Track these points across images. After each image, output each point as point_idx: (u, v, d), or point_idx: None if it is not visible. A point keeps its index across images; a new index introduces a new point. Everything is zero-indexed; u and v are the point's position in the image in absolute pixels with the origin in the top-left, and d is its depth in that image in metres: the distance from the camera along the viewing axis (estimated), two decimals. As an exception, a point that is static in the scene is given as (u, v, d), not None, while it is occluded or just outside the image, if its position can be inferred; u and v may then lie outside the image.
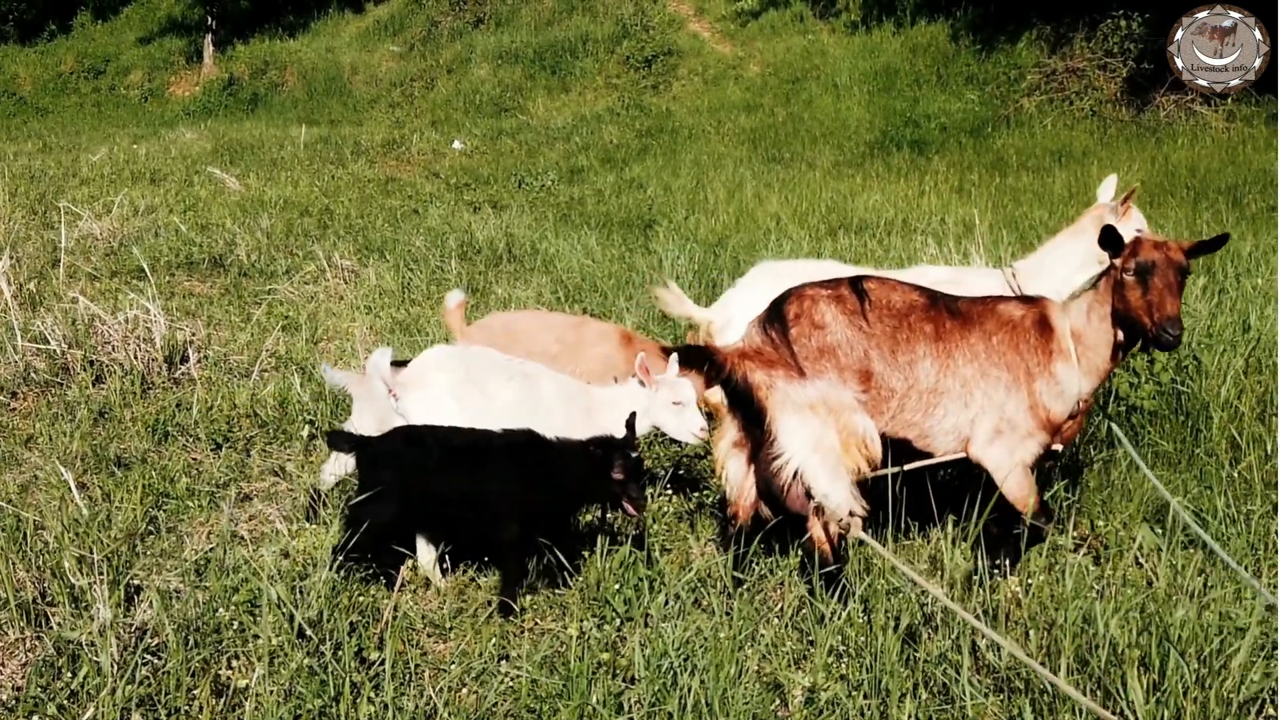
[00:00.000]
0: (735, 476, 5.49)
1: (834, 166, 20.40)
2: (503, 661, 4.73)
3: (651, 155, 22.29)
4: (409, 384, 5.89)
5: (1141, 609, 4.43)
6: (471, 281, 11.66)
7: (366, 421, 6.15)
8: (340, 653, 4.48)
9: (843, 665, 4.53)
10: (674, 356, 5.68)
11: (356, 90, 34.45)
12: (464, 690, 4.55)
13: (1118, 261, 4.97)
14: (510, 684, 4.51)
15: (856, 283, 5.24)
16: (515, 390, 5.92)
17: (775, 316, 5.24)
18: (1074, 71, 23.26)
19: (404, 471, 5.31)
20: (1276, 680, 4.17)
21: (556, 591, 5.35)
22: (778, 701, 4.47)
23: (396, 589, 5.20)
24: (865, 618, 4.75)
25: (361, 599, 5.15)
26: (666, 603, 5.03)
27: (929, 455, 5.27)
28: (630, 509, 5.30)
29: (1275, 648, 4.27)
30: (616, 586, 5.13)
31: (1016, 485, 5.13)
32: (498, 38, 33.96)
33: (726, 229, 14.40)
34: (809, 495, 5.11)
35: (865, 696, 4.33)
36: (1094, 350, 5.07)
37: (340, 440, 5.56)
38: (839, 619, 4.76)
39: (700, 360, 5.23)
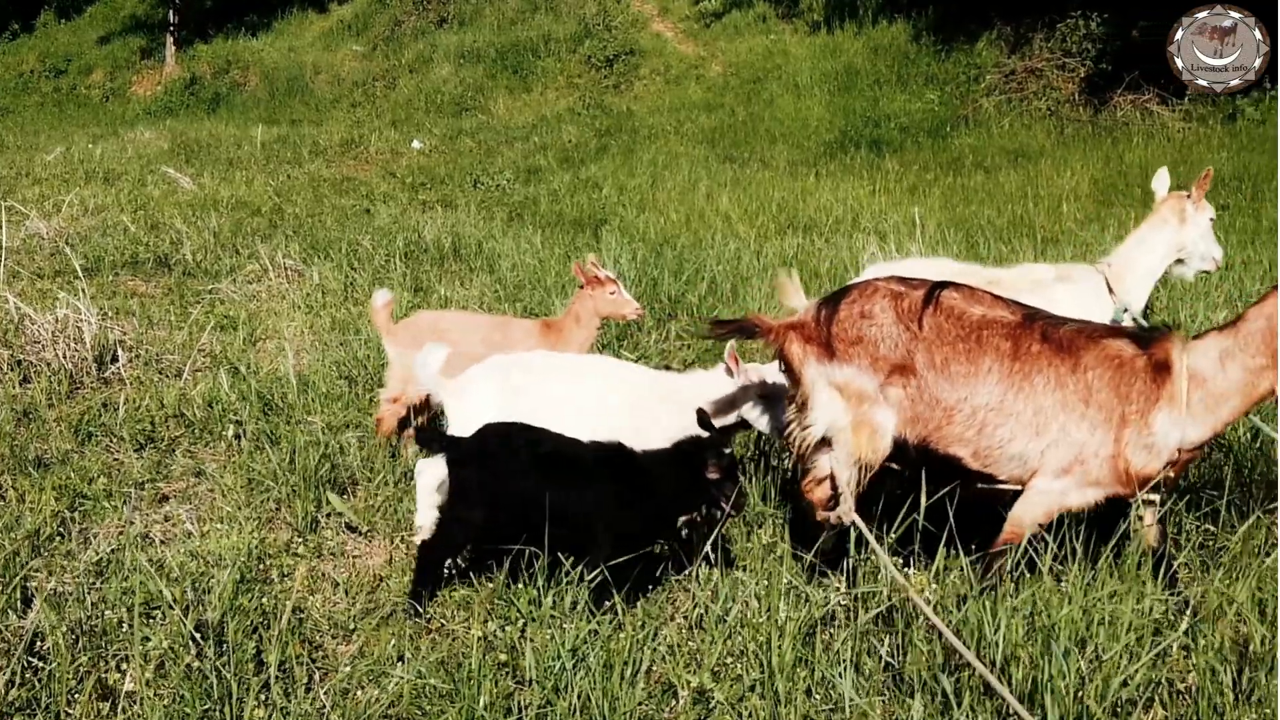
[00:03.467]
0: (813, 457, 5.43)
1: (790, 166, 20.42)
2: (400, 663, 4.69)
3: (609, 155, 22.29)
4: (454, 392, 5.85)
5: (1031, 608, 4.42)
6: (415, 281, 11.60)
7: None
8: (234, 655, 4.43)
9: (738, 666, 4.50)
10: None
11: (318, 90, 34.30)
12: (359, 692, 4.51)
13: None
14: (406, 686, 4.47)
15: (935, 288, 5.10)
16: (566, 391, 5.79)
17: (833, 298, 5.21)
18: (1033, 71, 23.35)
19: (490, 473, 5.15)
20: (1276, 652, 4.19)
21: (457, 591, 5.31)
22: (675, 703, 4.44)
23: (294, 591, 5.15)
24: (765, 617, 4.72)
25: (266, 601, 5.10)
26: (557, 604, 4.97)
27: (988, 478, 5.03)
28: (732, 509, 5.15)
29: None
30: (521, 586, 5.09)
31: (1029, 514, 4.89)
32: (460, 37, 33.87)
33: (675, 228, 14.39)
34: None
35: (761, 697, 4.30)
36: (1220, 400, 4.65)
37: (430, 438, 5.46)
38: (732, 619, 4.74)
39: (744, 329, 5.30)
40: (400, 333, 7.08)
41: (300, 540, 5.94)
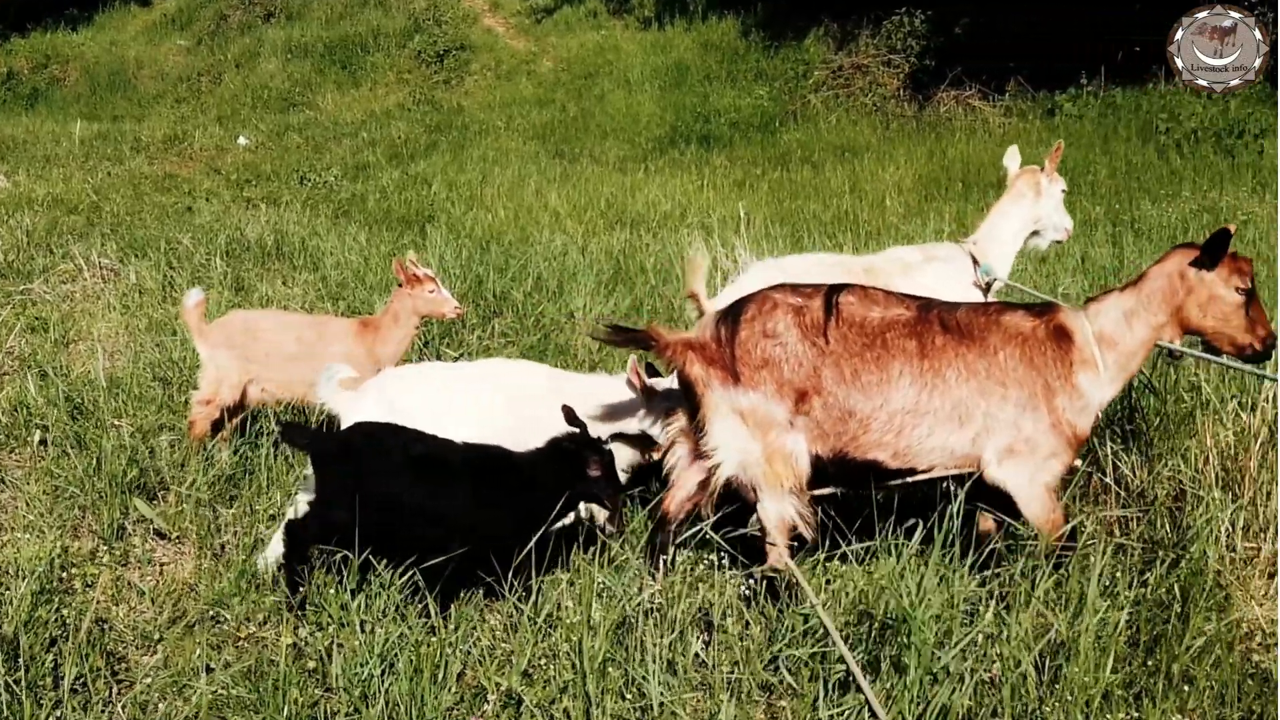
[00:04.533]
0: (678, 462, 5.37)
1: (620, 161, 20.50)
2: (208, 673, 4.56)
3: (439, 151, 22.13)
4: (350, 404, 5.70)
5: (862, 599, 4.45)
6: (236, 280, 11.35)
7: None
8: (29, 670, 4.26)
9: (551, 668, 4.46)
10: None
11: (141, 85, 33.42)
12: (160, 704, 4.37)
13: (1212, 275, 4.84)
14: (207, 697, 4.35)
15: (832, 295, 5.03)
16: (458, 399, 5.67)
17: (731, 314, 5.08)
18: (859, 68, 23.71)
19: (357, 472, 4.96)
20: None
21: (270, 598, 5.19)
22: (485, 706, 4.38)
23: (95, 601, 4.99)
24: (579, 617, 4.68)
25: (66, 612, 4.93)
26: (369, 608, 4.87)
27: (908, 472, 5.02)
28: (609, 506, 5.12)
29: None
30: (333, 591, 4.98)
31: (1041, 508, 4.90)
32: (288, 31, 33.31)
33: (503, 224, 14.35)
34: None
35: (572, 698, 4.26)
36: (1130, 357, 4.94)
37: (295, 434, 5.29)
38: (542, 619, 4.70)
39: (639, 342, 5.13)
40: (213, 333, 6.94)
41: (106, 548, 5.75)
